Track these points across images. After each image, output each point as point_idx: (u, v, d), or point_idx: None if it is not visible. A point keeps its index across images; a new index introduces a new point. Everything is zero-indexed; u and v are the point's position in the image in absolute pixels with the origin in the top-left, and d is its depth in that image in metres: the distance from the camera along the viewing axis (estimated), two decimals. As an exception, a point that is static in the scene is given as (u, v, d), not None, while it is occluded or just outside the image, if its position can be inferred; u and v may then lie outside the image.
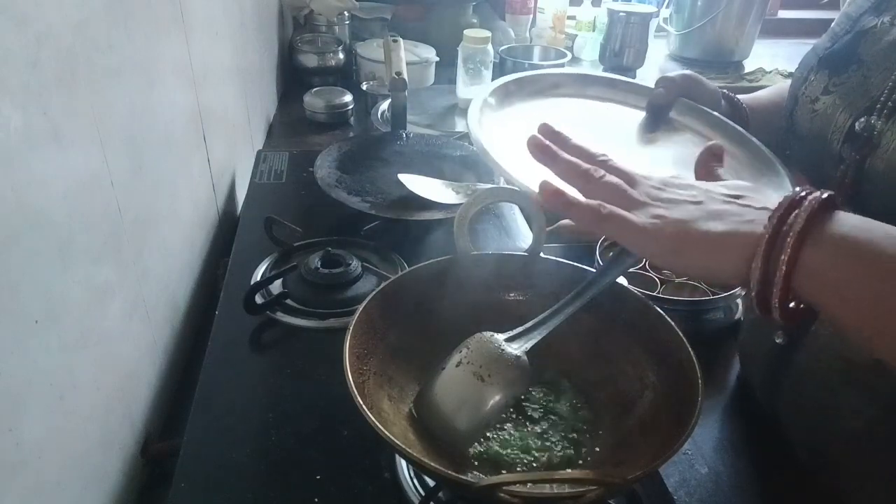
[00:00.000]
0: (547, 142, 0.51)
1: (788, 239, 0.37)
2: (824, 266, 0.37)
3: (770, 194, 0.43)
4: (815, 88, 0.59)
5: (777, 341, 0.62)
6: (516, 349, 0.56)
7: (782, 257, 0.37)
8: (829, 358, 0.57)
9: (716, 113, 0.73)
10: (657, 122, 0.75)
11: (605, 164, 0.48)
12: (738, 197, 0.43)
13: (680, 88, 0.73)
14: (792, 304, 0.39)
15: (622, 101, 0.78)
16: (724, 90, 0.77)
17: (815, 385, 0.59)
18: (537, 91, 0.78)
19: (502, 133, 0.69)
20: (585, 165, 0.48)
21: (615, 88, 0.79)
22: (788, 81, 0.71)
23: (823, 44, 0.61)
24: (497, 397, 0.55)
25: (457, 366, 0.56)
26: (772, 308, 0.39)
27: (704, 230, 0.40)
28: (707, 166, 0.50)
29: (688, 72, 0.76)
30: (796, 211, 0.38)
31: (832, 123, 0.56)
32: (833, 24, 0.62)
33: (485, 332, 0.58)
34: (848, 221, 0.38)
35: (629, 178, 0.46)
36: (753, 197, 0.42)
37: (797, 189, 0.40)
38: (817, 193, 0.38)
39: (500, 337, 0.57)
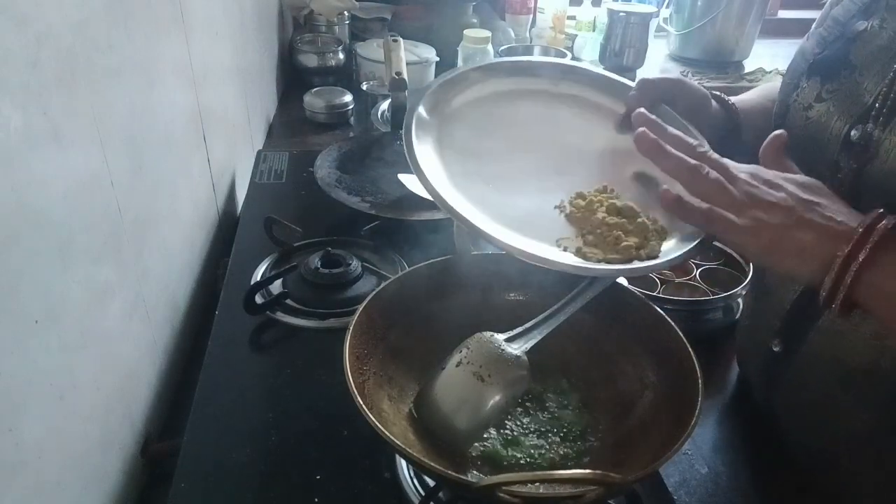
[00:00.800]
0: (653, 136, 0.54)
1: (860, 256, 0.45)
2: (886, 280, 0.44)
3: (840, 201, 0.49)
4: (807, 95, 0.59)
5: (774, 350, 0.62)
6: (516, 349, 0.56)
7: (848, 276, 0.45)
8: (825, 363, 0.57)
9: (684, 123, 0.66)
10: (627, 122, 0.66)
11: (705, 157, 0.53)
12: (818, 203, 0.48)
13: (658, 92, 0.67)
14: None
15: (592, 102, 0.69)
16: (716, 92, 0.73)
17: (813, 389, 0.59)
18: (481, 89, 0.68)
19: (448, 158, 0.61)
20: (692, 162, 0.52)
21: (586, 83, 0.69)
22: (776, 81, 0.71)
23: (811, 49, 0.60)
24: (497, 397, 0.55)
25: (457, 366, 0.56)
26: (832, 309, 0.46)
27: (798, 238, 0.47)
28: (777, 157, 0.54)
29: (671, 76, 0.74)
30: (871, 234, 0.45)
31: (827, 131, 0.56)
32: (817, 26, 0.61)
33: (485, 332, 0.58)
34: None
35: (728, 175, 0.51)
36: (831, 206, 0.48)
37: (873, 214, 0.46)
38: (886, 221, 0.45)
39: (500, 337, 0.57)
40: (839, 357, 0.56)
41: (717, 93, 0.74)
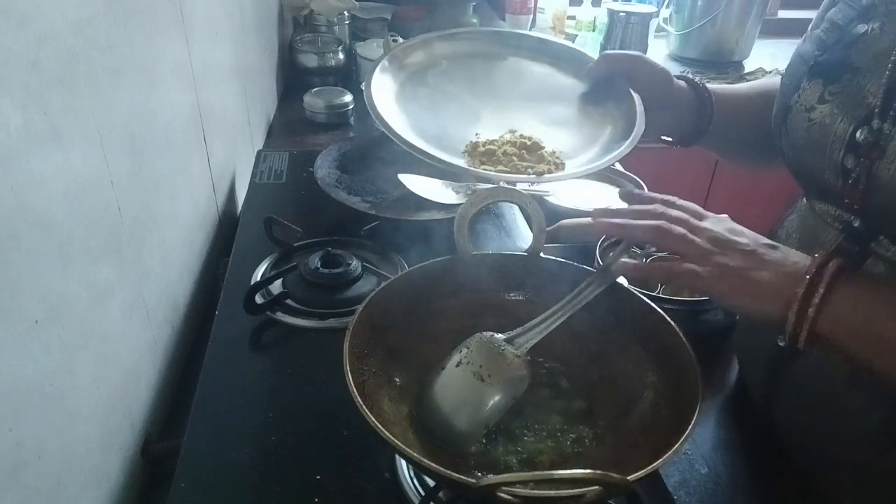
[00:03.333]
0: (607, 219, 0.59)
1: (819, 292, 0.48)
2: (845, 313, 0.48)
3: (794, 251, 0.53)
4: (809, 97, 0.58)
5: (780, 344, 0.61)
6: (516, 349, 0.56)
7: (810, 309, 0.48)
8: (833, 361, 0.57)
9: (632, 93, 0.73)
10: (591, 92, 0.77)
11: (670, 208, 0.57)
12: (777, 247, 0.52)
13: (617, 66, 0.74)
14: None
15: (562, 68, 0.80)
16: (689, 76, 0.77)
17: (818, 387, 0.59)
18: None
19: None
20: (652, 224, 0.55)
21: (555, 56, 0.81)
22: (773, 79, 0.71)
23: (810, 51, 0.60)
24: (497, 397, 0.55)
25: (457, 366, 0.56)
26: (799, 343, 0.49)
27: (759, 278, 0.50)
28: None
29: (633, 52, 0.76)
30: (823, 272, 0.48)
31: (831, 133, 0.55)
32: (813, 28, 0.62)
33: (485, 332, 0.58)
34: (859, 281, 0.50)
35: (691, 226, 0.54)
36: (788, 252, 0.52)
37: (819, 256, 0.50)
38: (837, 260, 0.49)
39: (501, 337, 0.57)
40: None
41: (690, 76, 0.77)
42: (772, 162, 0.75)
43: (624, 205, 0.62)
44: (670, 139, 0.80)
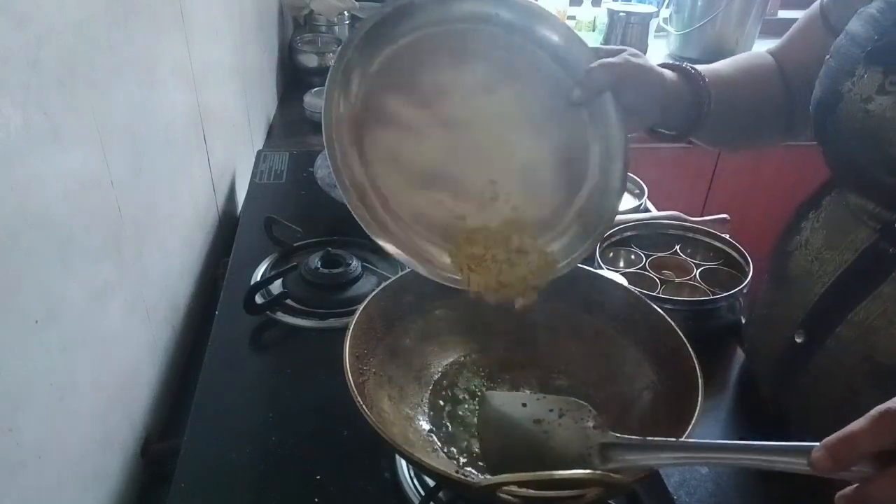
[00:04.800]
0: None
1: None
2: None
3: None
4: (866, 86, 0.54)
5: (797, 340, 0.61)
6: (601, 461, 0.48)
7: None
8: (853, 359, 0.55)
9: (617, 115, 0.62)
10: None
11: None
12: None
13: (606, 88, 0.61)
14: None
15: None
16: (684, 65, 0.68)
17: (836, 385, 0.58)
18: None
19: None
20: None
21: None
22: (753, 55, 0.69)
23: (864, 33, 0.55)
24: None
25: (534, 422, 0.52)
26: None
27: None
28: None
29: (619, 60, 0.61)
30: None
31: (891, 127, 0.52)
32: (866, 8, 0.57)
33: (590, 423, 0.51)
34: None
35: None
36: None
37: None
38: None
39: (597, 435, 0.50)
40: (869, 353, 0.54)
41: (685, 65, 0.68)
42: (762, 145, 0.71)
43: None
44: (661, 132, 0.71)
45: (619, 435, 0.48)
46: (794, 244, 0.65)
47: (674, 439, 0.45)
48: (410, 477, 0.59)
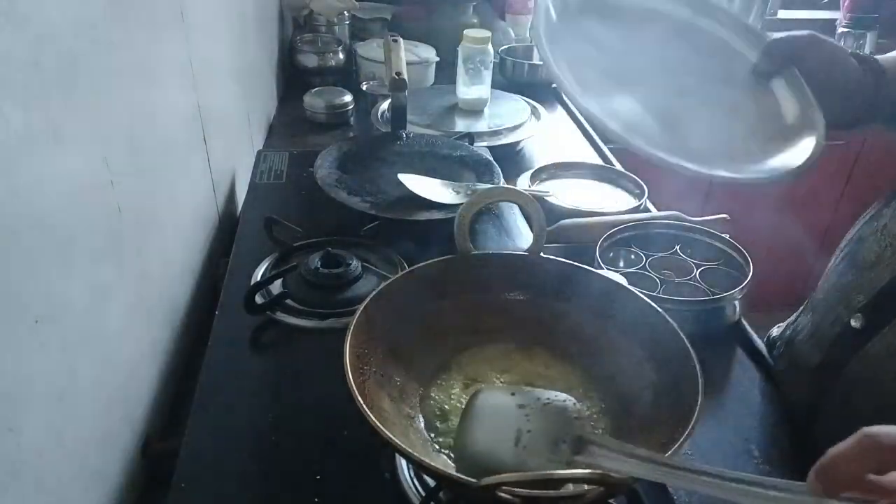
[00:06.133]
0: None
1: None
2: None
3: None
4: None
5: (853, 325, 0.60)
6: (577, 453, 0.47)
7: None
8: (886, 374, 0.55)
9: (808, 94, 0.67)
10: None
11: None
12: None
13: (785, 56, 0.68)
14: None
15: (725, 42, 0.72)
16: (859, 52, 0.70)
17: (886, 373, 0.57)
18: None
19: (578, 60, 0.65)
20: None
21: (723, 22, 0.73)
22: None
23: None
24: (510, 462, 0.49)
25: (519, 407, 0.52)
26: None
27: None
28: None
29: (801, 33, 0.67)
30: None
31: None
32: None
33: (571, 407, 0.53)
34: None
35: None
36: None
37: None
38: None
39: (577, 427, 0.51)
40: None
41: (860, 52, 0.70)
42: None
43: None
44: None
45: (596, 433, 0.48)
46: (871, 230, 0.65)
47: (653, 453, 0.43)
48: (410, 477, 0.59)
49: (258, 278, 0.82)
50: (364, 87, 1.42)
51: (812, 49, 0.66)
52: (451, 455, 0.55)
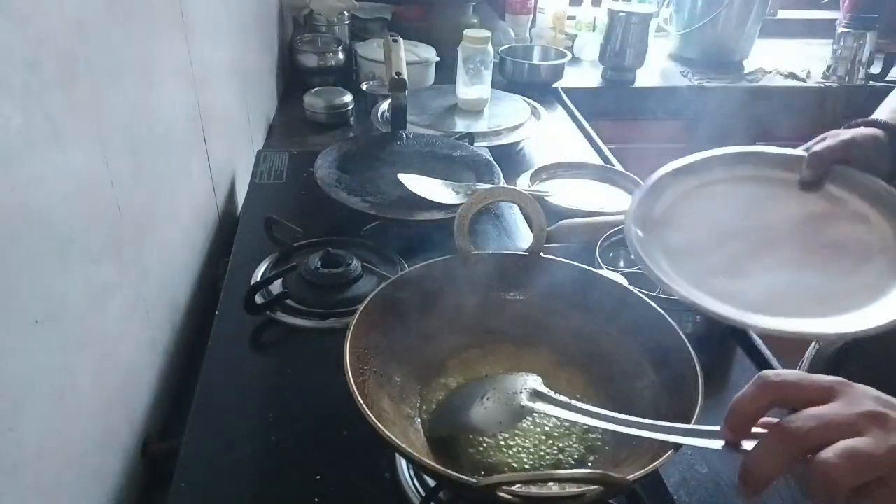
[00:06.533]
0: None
1: None
2: None
3: None
4: None
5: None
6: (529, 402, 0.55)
7: None
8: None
9: (878, 180, 0.66)
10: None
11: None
12: None
13: (828, 164, 0.67)
14: None
15: (770, 178, 0.72)
16: (881, 119, 0.70)
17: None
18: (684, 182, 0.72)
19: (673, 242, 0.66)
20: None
21: (759, 163, 0.73)
22: None
23: None
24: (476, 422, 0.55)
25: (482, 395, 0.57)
26: None
27: None
28: None
29: (838, 140, 0.68)
30: None
31: None
32: None
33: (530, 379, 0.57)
34: None
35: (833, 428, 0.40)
36: None
37: None
38: None
39: (533, 387, 0.56)
40: None
41: (882, 120, 0.70)
42: None
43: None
44: None
45: (547, 389, 0.55)
46: None
47: (594, 408, 0.51)
48: (410, 477, 0.59)
49: (258, 278, 0.82)
50: (364, 87, 1.42)
51: (849, 152, 0.67)
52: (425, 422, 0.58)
